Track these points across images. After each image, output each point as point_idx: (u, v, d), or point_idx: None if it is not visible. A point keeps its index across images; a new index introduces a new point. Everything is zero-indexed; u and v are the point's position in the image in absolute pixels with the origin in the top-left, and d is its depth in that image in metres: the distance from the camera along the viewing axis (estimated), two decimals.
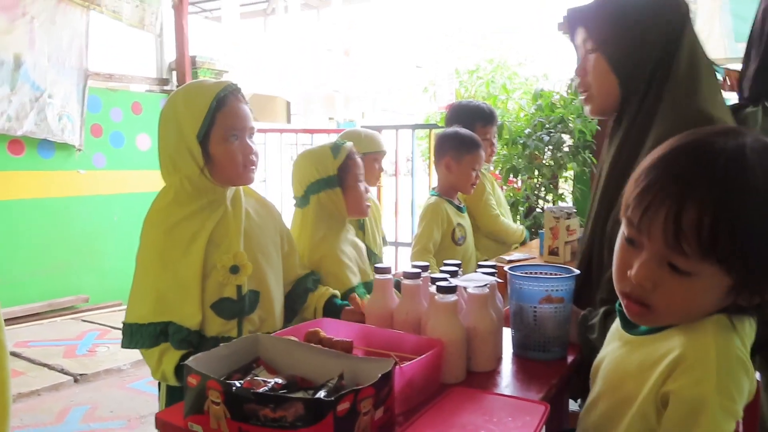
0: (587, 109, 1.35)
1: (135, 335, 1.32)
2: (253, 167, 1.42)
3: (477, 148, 2.30)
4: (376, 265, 1.27)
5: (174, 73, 4.99)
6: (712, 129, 0.80)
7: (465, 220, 2.38)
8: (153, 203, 1.40)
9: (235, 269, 1.37)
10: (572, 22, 1.33)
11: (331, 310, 1.54)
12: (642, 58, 1.21)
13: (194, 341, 1.32)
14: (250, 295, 1.39)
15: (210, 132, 1.35)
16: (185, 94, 1.38)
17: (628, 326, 0.90)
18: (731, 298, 0.77)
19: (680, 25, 1.22)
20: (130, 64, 4.81)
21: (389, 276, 1.26)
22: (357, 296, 1.53)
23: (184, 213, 1.36)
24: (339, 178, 1.68)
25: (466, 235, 2.34)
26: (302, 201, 1.71)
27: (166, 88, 4.94)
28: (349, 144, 1.73)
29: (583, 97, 1.35)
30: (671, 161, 0.76)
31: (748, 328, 0.82)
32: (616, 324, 0.94)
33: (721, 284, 0.75)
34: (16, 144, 3.96)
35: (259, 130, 5.68)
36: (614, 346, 0.93)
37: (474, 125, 2.58)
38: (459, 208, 2.37)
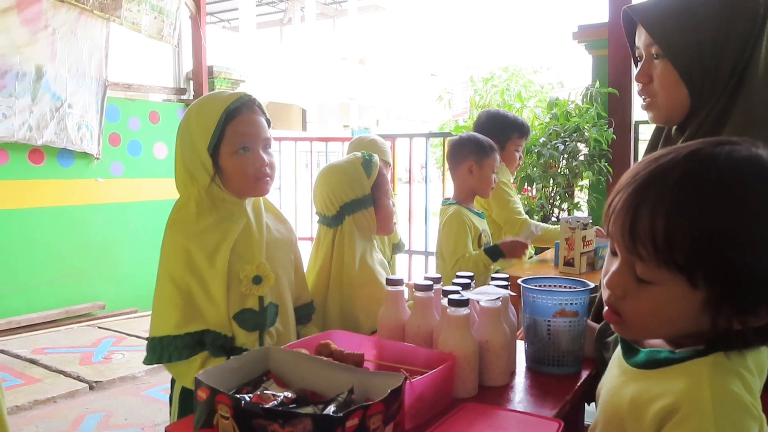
0: (651, 116, 1.22)
1: (167, 349, 1.28)
2: (267, 178, 1.40)
3: (495, 151, 2.32)
4: (388, 277, 1.27)
5: (191, 82, 5.05)
6: (705, 140, 0.75)
7: (486, 226, 2.37)
8: (172, 214, 1.39)
9: (257, 279, 1.36)
10: (631, 22, 1.20)
11: None
12: (716, 66, 1.09)
13: (229, 349, 1.31)
14: (271, 308, 1.39)
15: (220, 145, 1.35)
16: (198, 108, 1.39)
17: (627, 354, 0.85)
18: (713, 317, 0.71)
19: (760, 23, 1.08)
20: (149, 74, 4.88)
21: (401, 288, 1.25)
22: None
23: (206, 223, 1.35)
24: (372, 195, 1.63)
25: (490, 241, 2.33)
26: (335, 221, 1.63)
27: (183, 97, 5.00)
28: (376, 158, 1.68)
29: (645, 104, 1.21)
30: (635, 169, 0.75)
31: (752, 365, 0.74)
32: (619, 349, 0.89)
33: (689, 297, 0.70)
34: (36, 153, 4.02)
35: (275, 138, 5.72)
36: (614, 373, 0.88)
37: (511, 135, 2.62)
38: (478, 214, 2.36)
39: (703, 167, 0.69)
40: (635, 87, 1.32)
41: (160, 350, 1.29)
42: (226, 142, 1.35)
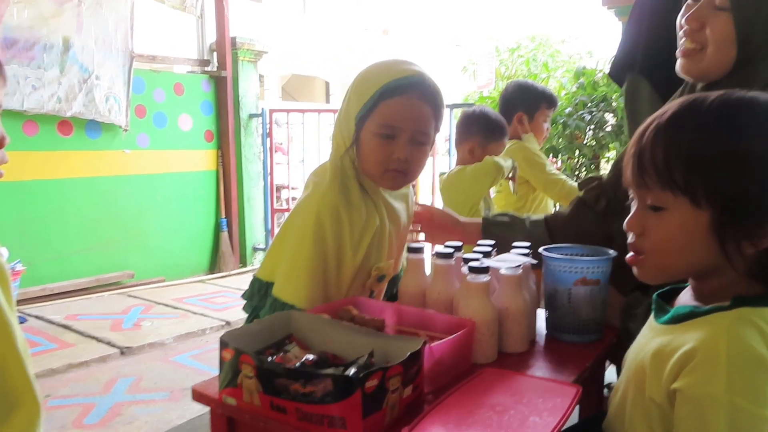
0: (686, 65, 1.14)
1: (276, 309, 1.21)
2: (399, 174, 1.26)
3: (504, 136, 2.24)
4: (410, 245, 1.27)
5: (215, 54, 5.05)
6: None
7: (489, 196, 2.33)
8: (319, 184, 1.26)
9: (382, 278, 1.32)
10: None
11: None
12: None
13: None
14: (373, 297, 1.37)
15: (367, 118, 1.23)
16: (367, 70, 1.27)
17: (657, 315, 0.88)
18: (721, 239, 0.75)
19: None
20: (173, 46, 4.90)
21: (422, 256, 1.26)
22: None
23: (357, 196, 1.25)
24: None
25: (491, 208, 2.29)
26: None
27: (207, 69, 5.01)
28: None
29: (687, 49, 1.13)
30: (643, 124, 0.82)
31: None
32: (651, 316, 0.92)
33: (696, 219, 0.76)
34: (65, 125, 4.09)
35: (298, 111, 5.73)
36: (644, 333, 0.91)
37: (539, 105, 2.57)
38: None
39: (695, 102, 0.78)
40: None
41: (271, 309, 1.22)
42: (375, 118, 1.22)
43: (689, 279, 0.86)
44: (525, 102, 2.53)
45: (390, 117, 1.21)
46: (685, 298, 0.87)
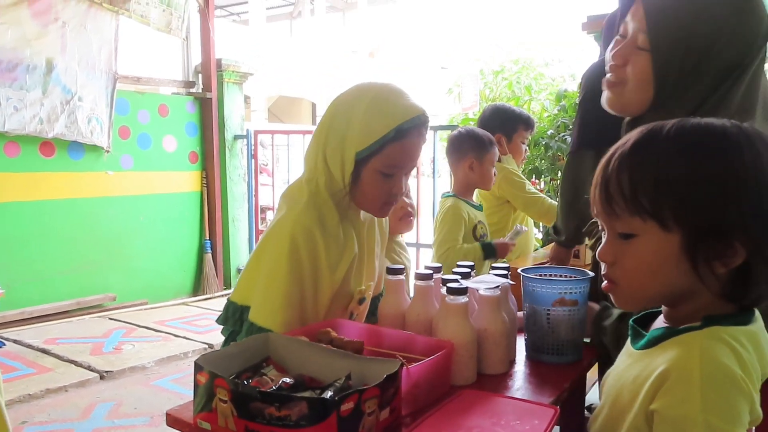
0: (609, 98, 1.18)
1: (253, 334, 1.17)
2: (394, 203, 1.30)
3: (494, 145, 2.33)
4: (389, 266, 1.27)
5: (200, 75, 5.07)
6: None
7: (484, 217, 2.38)
8: (298, 194, 1.25)
9: (362, 301, 1.32)
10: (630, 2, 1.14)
11: None
12: (695, 85, 1.07)
13: None
14: (355, 320, 1.35)
15: (371, 158, 1.21)
16: (371, 104, 1.21)
17: (634, 341, 0.88)
18: (693, 260, 0.75)
19: (756, 49, 1.06)
20: (158, 68, 4.90)
21: (401, 277, 1.26)
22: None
23: (335, 220, 1.24)
24: None
25: (487, 233, 2.34)
26: None
27: (192, 90, 5.02)
28: None
29: (610, 81, 1.17)
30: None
31: (746, 341, 0.76)
32: (629, 341, 0.92)
33: (666, 242, 0.76)
34: (47, 146, 4.07)
35: (283, 132, 5.74)
36: (622, 359, 0.91)
37: (517, 127, 2.65)
38: (476, 207, 2.37)
39: (654, 130, 0.79)
40: None
41: (246, 334, 1.20)
42: (379, 159, 1.21)
43: (662, 306, 0.86)
44: (503, 125, 2.62)
45: (396, 158, 1.22)
46: (659, 322, 0.87)
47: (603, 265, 0.85)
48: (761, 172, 0.74)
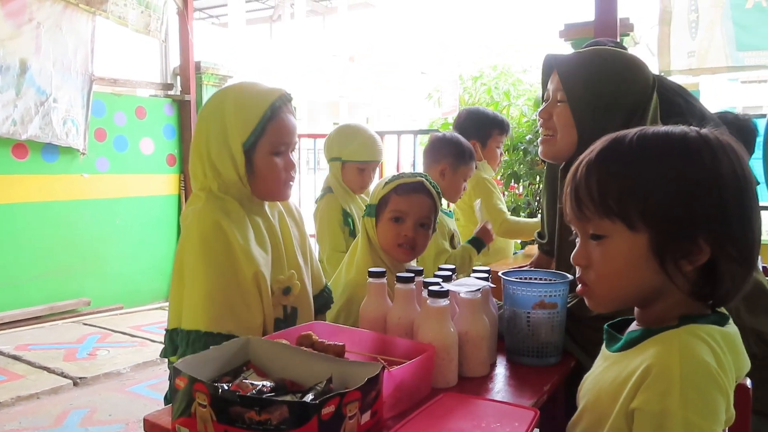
0: (542, 150, 1.44)
1: (193, 344, 1.18)
2: (292, 183, 1.36)
3: (473, 160, 2.28)
4: (370, 270, 1.27)
5: (178, 78, 5.02)
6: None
7: (455, 225, 2.34)
8: (193, 208, 1.28)
9: (287, 290, 1.33)
10: (549, 67, 1.42)
11: None
12: (607, 122, 1.22)
13: None
14: (293, 313, 1.36)
15: (258, 142, 1.28)
16: (237, 98, 1.29)
17: (609, 344, 0.90)
18: (660, 259, 0.78)
19: (650, 94, 1.31)
20: (135, 70, 4.84)
21: (383, 280, 1.26)
22: None
23: (234, 220, 1.26)
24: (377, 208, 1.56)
25: (460, 241, 2.31)
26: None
27: (170, 93, 4.96)
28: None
29: (542, 138, 1.42)
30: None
31: (721, 341, 0.78)
32: (603, 346, 0.94)
33: (634, 242, 0.80)
34: (20, 148, 3.98)
35: None
36: (598, 364, 0.92)
37: (491, 132, 2.62)
38: (447, 213, 2.30)
39: (617, 138, 0.84)
40: None
41: (186, 344, 1.20)
42: (265, 141, 1.28)
43: (635, 309, 0.88)
44: (477, 130, 2.58)
45: (279, 135, 1.31)
46: (634, 326, 0.89)
47: (577, 270, 0.87)
48: (720, 175, 0.78)
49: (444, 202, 2.37)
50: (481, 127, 2.60)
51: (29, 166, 4.04)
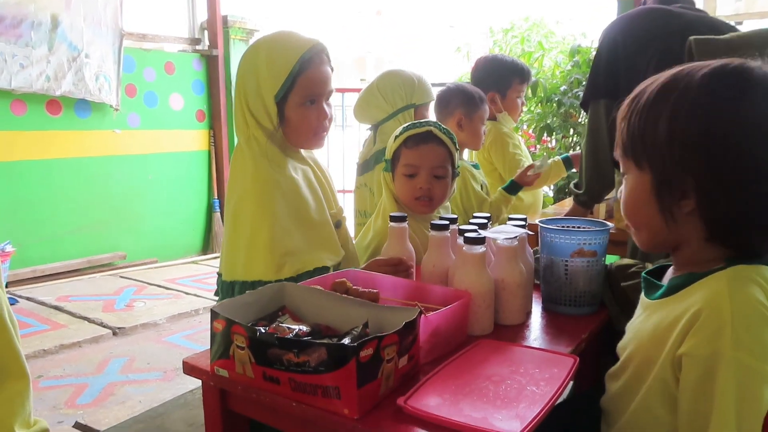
0: None
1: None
2: (325, 133, 1.41)
3: (484, 102, 2.21)
4: (391, 214, 1.29)
5: (206, 32, 4.98)
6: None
7: (483, 177, 2.29)
8: (241, 158, 1.34)
9: (338, 224, 1.41)
10: None
11: None
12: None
13: None
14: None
15: (288, 95, 1.33)
16: (269, 50, 1.33)
17: (648, 292, 0.88)
18: (659, 197, 0.80)
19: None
20: (163, 25, 4.81)
21: (404, 224, 1.28)
22: None
23: (284, 162, 1.35)
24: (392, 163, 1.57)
25: (489, 192, 2.27)
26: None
27: (198, 47, 4.94)
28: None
29: None
30: None
31: None
32: (642, 295, 0.92)
33: (642, 179, 0.83)
34: (53, 104, 4.03)
35: None
36: (638, 314, 0.90)
37: (511, 81, 2.50)
38: (473, 166, 2.25)
39: (642, 85, 0.86)
40: None
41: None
42: (296, 92, 1.33)
43: (671, 252, 0.87)
44: (496, 81, 2.47)
45: (309, 88, 1.35)
46: (670, 273, 0.88)
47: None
48: (723, 120, 0.76)
49: (465, 154, 2.32)
50: (499, 77, 2.49)
51: (63, 122, 4.09)
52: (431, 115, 2.24)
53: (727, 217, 0.77)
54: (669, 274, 0.88)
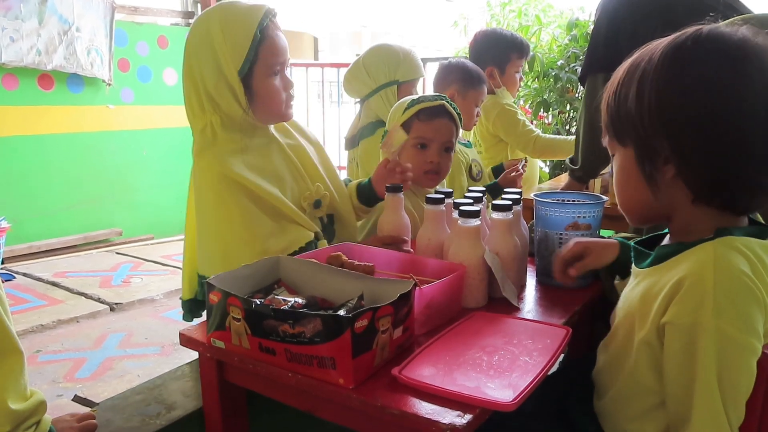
0: None
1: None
2: (292, 103, 1.33)
3: (482, 83, 2.16)
4: (387, 185, 1.29)
5: (199, 5, 4.91)
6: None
7: (476, 155, 2.29)
8: (200, 149, 1.28)
9: (318, 203, 1.34)
10: None
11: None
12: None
13: None
14: (329, 221, 1.39)
15: (253, 68, 1.23)
16: (222, 22, 1.22)
17: (638, 260, 0.89)
18: (642, 167, 0.82)
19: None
20: None
21: (400, 195, 1.28)
22: None
23: (247, 149, 1.26)
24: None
25: (482, 170, 2.26)
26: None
27: (191, 21, 4.87)
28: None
29: None
30: None
31: (761, 251, 0.76)
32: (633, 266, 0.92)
33: (625, 155, 0.85)
34: (45, 78, 3.98)
35: None
36: (630, 282, 0.91)
37: (509, 56, 2.48)
38: (464, 144, 2.20)
39: (628, 63, 0.86)
40: None
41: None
42: (261, 64, 1.23)
43: (667, 225, 0.88)
44: (494, 55, 2.45)
45: (272, 56, 1.27)
46: (666, 241, 0.88)
47: None
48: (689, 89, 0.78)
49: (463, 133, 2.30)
50: (497, 52, 2.46)
51: (55, 97, 4.05)
52: (428, 91, 2.22)
53: (706, 174, 0.77)
54: (664, 242, 0.89)
